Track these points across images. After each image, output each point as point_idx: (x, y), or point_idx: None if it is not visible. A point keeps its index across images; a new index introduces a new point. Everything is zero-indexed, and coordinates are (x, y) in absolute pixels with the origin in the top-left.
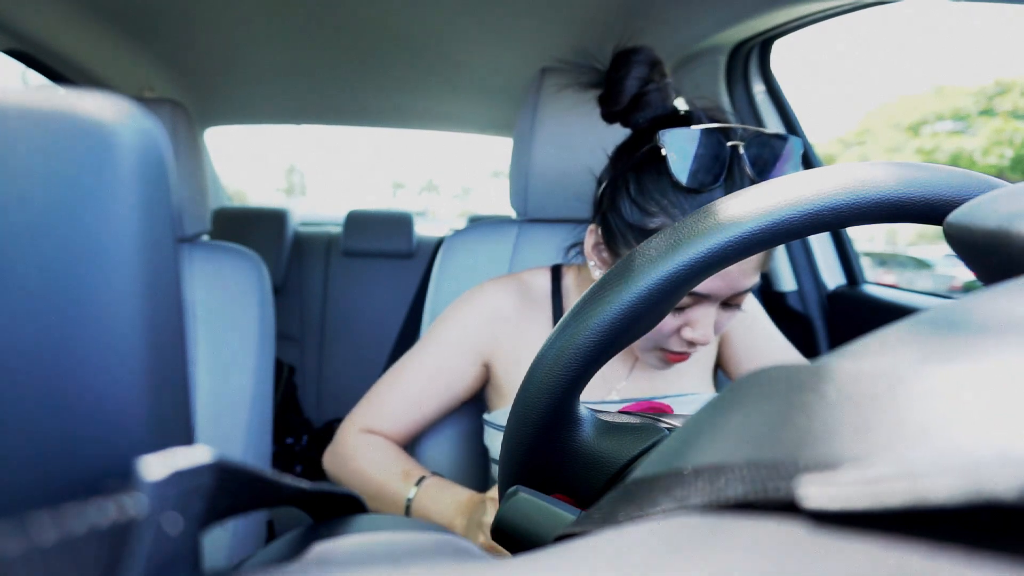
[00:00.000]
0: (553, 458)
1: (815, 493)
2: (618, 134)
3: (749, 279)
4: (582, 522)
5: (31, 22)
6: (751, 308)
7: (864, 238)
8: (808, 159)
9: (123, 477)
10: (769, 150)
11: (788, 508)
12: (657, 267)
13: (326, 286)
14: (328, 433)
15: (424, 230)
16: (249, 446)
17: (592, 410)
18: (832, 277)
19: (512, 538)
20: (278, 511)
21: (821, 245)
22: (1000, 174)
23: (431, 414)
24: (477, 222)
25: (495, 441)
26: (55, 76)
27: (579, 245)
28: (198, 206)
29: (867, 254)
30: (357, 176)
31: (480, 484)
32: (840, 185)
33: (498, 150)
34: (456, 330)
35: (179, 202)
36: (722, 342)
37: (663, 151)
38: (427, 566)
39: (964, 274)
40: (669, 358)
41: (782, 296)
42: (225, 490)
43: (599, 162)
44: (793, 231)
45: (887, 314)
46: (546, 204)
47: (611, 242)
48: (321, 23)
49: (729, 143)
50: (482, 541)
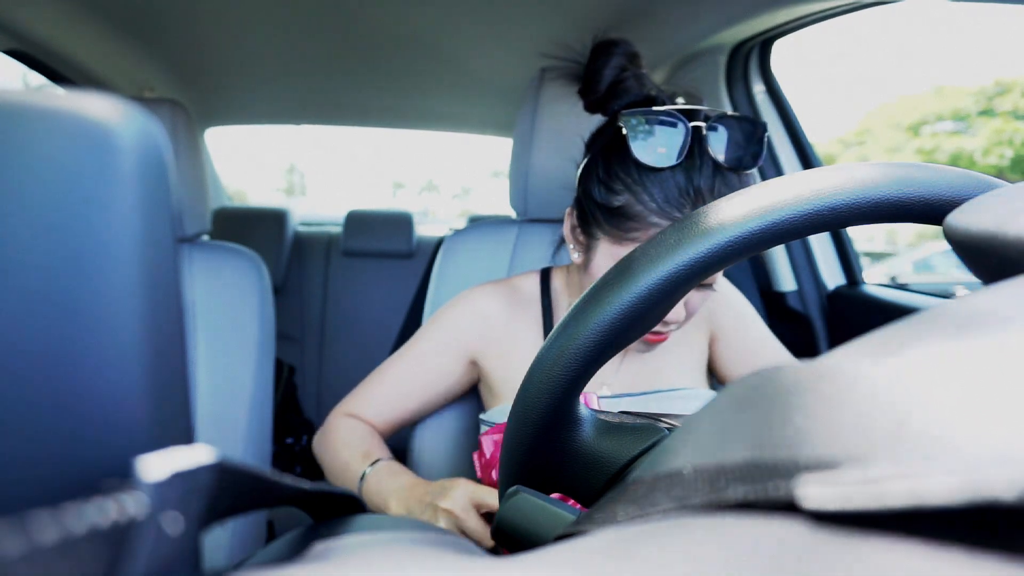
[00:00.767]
0: (553, 458)
1: (815, 493)
2: None
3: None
4: (582, 522)
5: (31, 22)
6: (745, 310)
7: (864, 238)
8: (771, 146)
9: (123, 477)
10: (734, 132)
11: (788, 508)
12: (657, 267)
13: (326, 286)
14: None
15: (424, 230)
16: (249, 446)
17: (592, 410)
18: (832, 277)
19: (512, 538)
20: (278, 511)
21: (821, 245)
22: (1000, 174)
23: (415, 407)
24: (477, 222)
25: None
26: (55, 76)
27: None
28: (198, 206)
29: (867, 254)
30: (357, 176)
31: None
32: (840, 185)
33: (498, 150)
34: (442, 330)
35: (179, 202)
36: (713, 341)
37: (623, 130)
38: (427, 566)
39: (964, 274)
40: (647, 339)
41: (782, 296)
42: (225, 490)
43: None
44: (793, 231)
45: (887, 314)
46: (546, 204)
47: (584, 223)
48: (321, 23)
49: (692, 123)
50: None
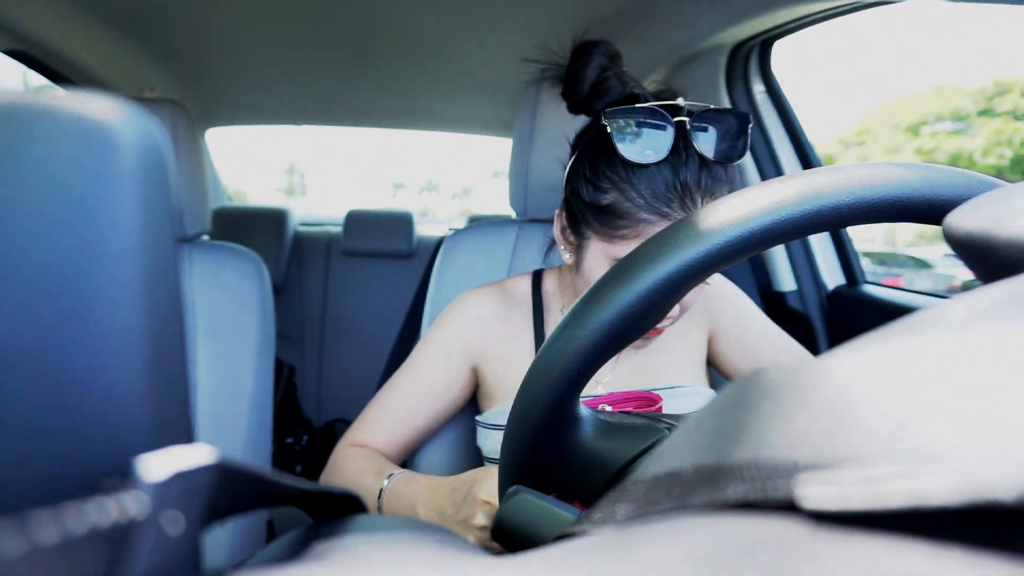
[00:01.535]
0: (553, 458)
1: (815, 493)
2: None
3: None
4: (582, 522)
5: (31, 22)
6: (746, 306)
7: (864, 238)
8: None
9: (123, 477)
10: (719, 125)
11: (788, 508)
12: (657, 267)
13: (326, 286)
14: (328, 433)
15: (424, 230)
16: (249, 446)
17: (592, 410)
18: (832, 277)
19: (512, 538)
20: (278, 511)
21: (821, 245)
22: (1000, 174)
23: (423, 424)
24: (477, 222)
25: (487, 441)
26: (55, 76)
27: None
28: (198, 206)
29: (867, 254)
30: (357, 176)
31: None
32: (840, 185)
33: (498, 150)
34: (441, 340)
35: (179, 202)
36: (712, 338)
37: (608, 129)
38: (427, 566)
39: (964, 274)
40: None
41: (782, 296)
42: (225, 490)
43: None
44: (793, 231)
45: (887, 314)
46: (546, 204)
47: (574, 224)
48: (321, 24)
49: (676, 119)
50: (473, 542)
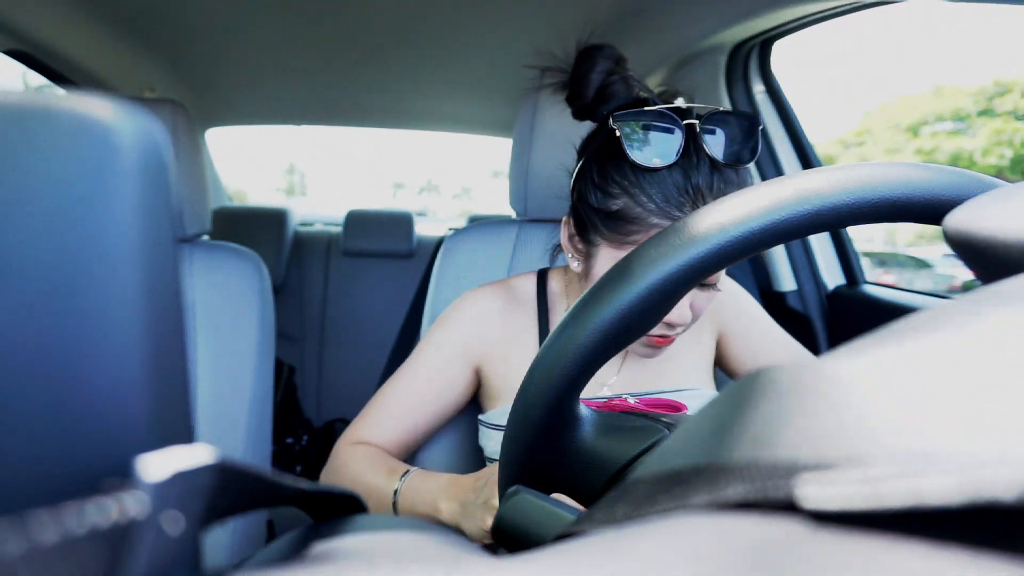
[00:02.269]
0: (553, 458)
1: (815, 493)
2: None
3: None
4: (582, 522)
5: (31, 22)
6: (752, 308)
7: (864, 238)
8: (770, 145)
9: (123, 477)
10: (729, 128)
11: (788, 508)
12: (657, 267)
13: (326, 286)
14: (328, 433)
15: (424, 230)
16: (249, 446)
17: (592, 410)
18: (832, 277)
19: (512, 538)
20: (278, 511)
21: (821, 245)
22: (1000, 174)
23: (424, 423)
24: (477, 222)
25: (490, 441)
26: (55, 76)
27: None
28: (198, 206)
29: (867, 254)
30: (357, 176)
31: None
32: (840, 185)
33: (498, 150)
34: (446, 337)
35: (179, 202)
36: (721, 341)
37: (616, 134)
38: (427, 566)
39: (964, 274)
40: (655, 342)
41: (782, 296)
42: (225, 490)
43: None
44: (793, 231)
45: (887, 314)
46: (546, 204)
47: (582, 231)
48: (321, 24)
49: (685, 122)
50: (490, 523)
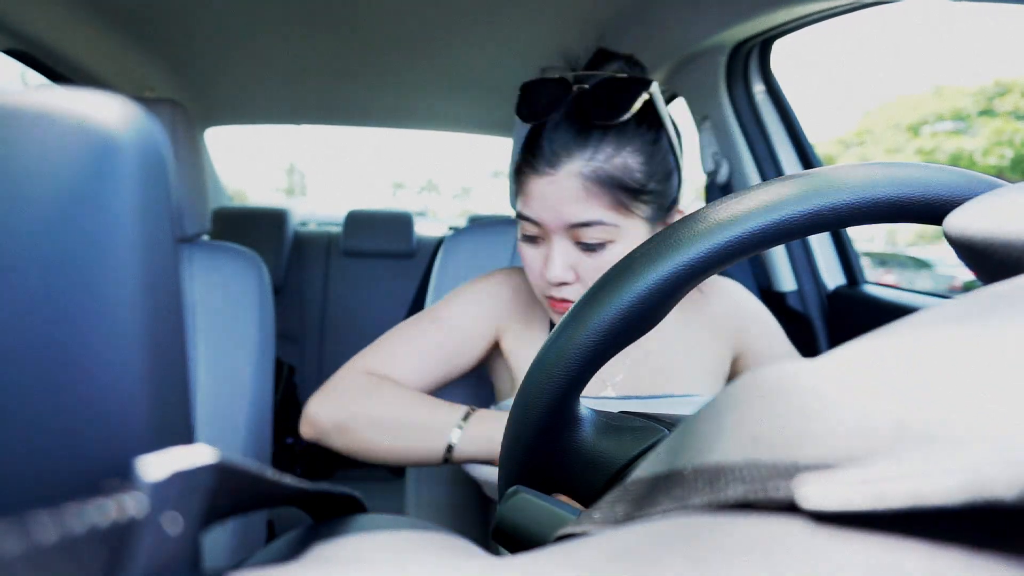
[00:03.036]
0: (553, 458)
1: (814, 493)
2: None
3: (569, 207)
4: (582, 522)
5: (31, 22)
6: (774, 326)
7: (864, 238)
8: (655, 103)
9: (123, 477)
10: (613, 91)
11: (788, 508)
12: (657, 267)
13: (326, 286)
14: None
15: (424, 230)
16: (249, 446)
17: (592, 410)
18: (832, 277)
19: (512, 538)
20: (278, 511)
21: (821, 245)
22: (1000, 174)
23: (439, 374)
24: (477, 222)
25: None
26: (55, 76)
27: None
28: (198, 206)
29: (867, 254)
30: (357, 176)
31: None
32: (840, 185)
33: (498, 150)
34: (476, 297)
35: (179, 202)
36: (740, 358)
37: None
38: (427, 566)
39: (964, 274)
40: (551, 305)
41: (782, 296)
42: (225, 490)
43: None
44: (793, 231)
45: (887, 314)
46: None
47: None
48: (321, 23)
49: (576, 86)
50: None
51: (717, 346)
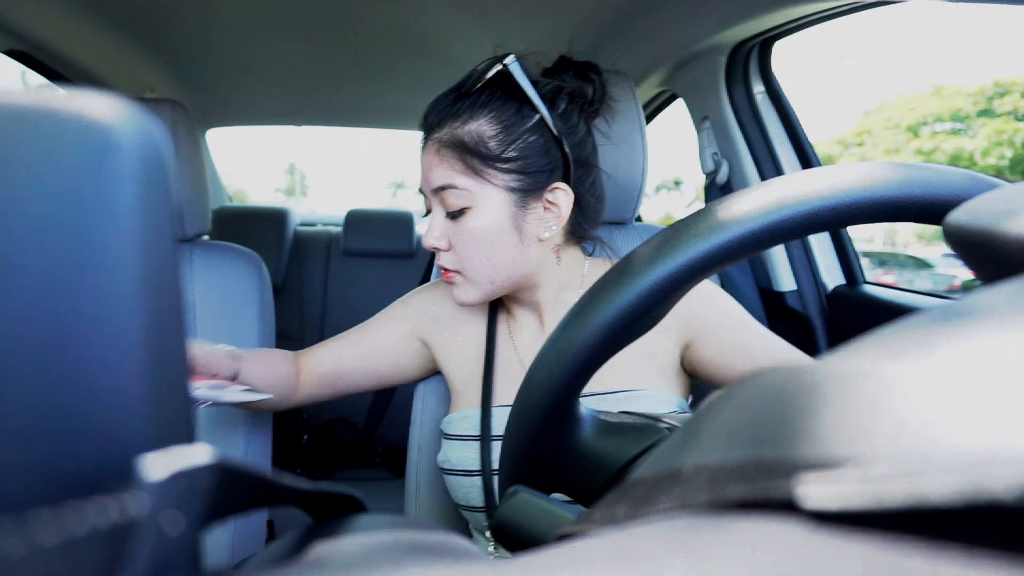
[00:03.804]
0: (553, 458)
1: (815, 493)
2: (618, 134)
3: (430, 173)
4: (582, 522)
5: (31, 22)
6: (730, 307)
7: (864, 238)
8: (511, 77)
9: (123, 477)
10: (479, 66)
11: (788, 508)
12: (657, 267)
13: (326, 286)
14: (328, 433)
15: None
16: (249, 446)
17: (592, 410)
18: (831, 277)
19: (512, 538)
20: (278, 511)
21: (821, 245)
22: (1000, 174)
23: (357, 365)
24: None
25: (444, 452)
26: (55, 76)
27: None
28: (198, 206)
29: (867, 254)
30: (357, 176)
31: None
32: (840, 185)
33: None
34: (394, 311)
35: (179, 202)
36: (691, 347)
37: None
38: (427, 566)
39: (964, 274)
40: (442, 274)
41: (782, 296)
42: (225, 490)
43: (599, 161)
44: (793, 230)
45: (887, 314)
46: None
47: None
48: (321, 24)
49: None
50: None
51: (664, 337)
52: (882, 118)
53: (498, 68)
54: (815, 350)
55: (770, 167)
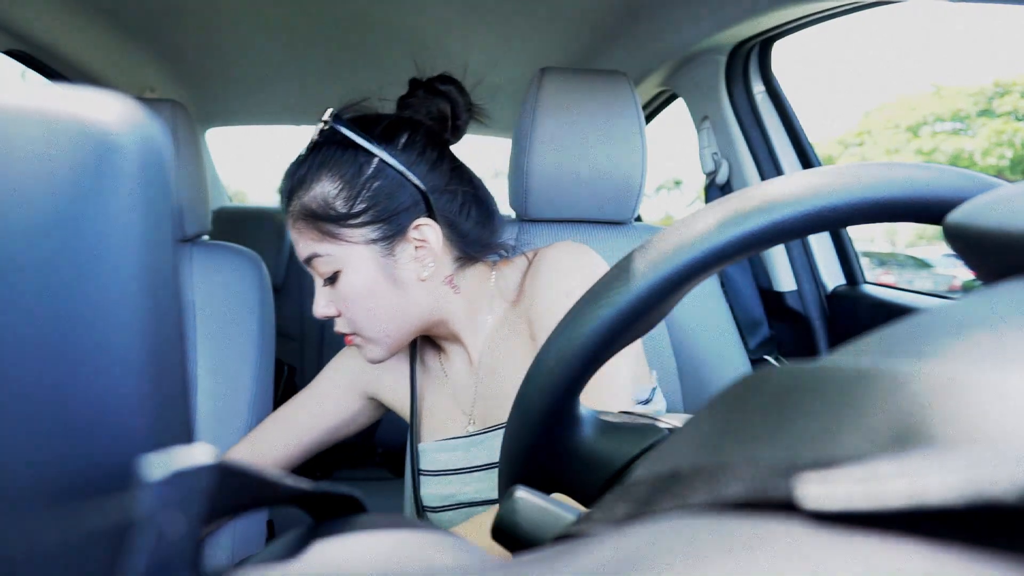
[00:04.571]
0: (553, 458)
1: (815, 493)
2: (618, 134)
3: (297, 248)
4: (582, 522)
5: (31, 22)
6: (557, 302)
7: (864, 238)
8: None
9: (123, 477)
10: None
11: (788, 508)
12: (656, 268)
13: None
14: None
15: None
16: None
17: (592, 410)
18: (831, 277)
19: (512, 538)
20: (278, 511)
21: (820, 245)
22: (1000, 174)
23: (306, 436)
24: None
25: (423, 488)
26: (55, 76)
27: None
28: (198, 206)
29: (867, 254)
30: None
31: None
32: (840, 185)
33: (498, 150)
34: (336, 363)
35: (179, 202)
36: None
37: None
38: (427, 566)
39: (964, 274)
40: (348, 339)
41: (781, 296)
42: (225, 490)
43: (598, 162)
44: (793, 230)
45: (886, 314)
46: (545, 204)
47: None
48: (321, 24)
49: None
50: None
51: (531, 347)
52: (882, 118)
53: (320, 127)
54: (815, 350)
55: (770, 167)
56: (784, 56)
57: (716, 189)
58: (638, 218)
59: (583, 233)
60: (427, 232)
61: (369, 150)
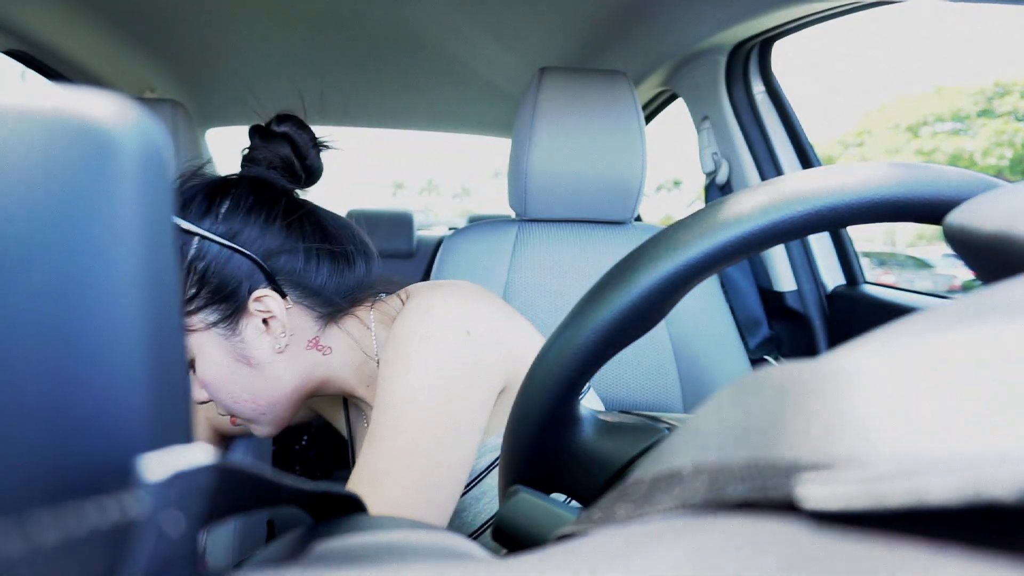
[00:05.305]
0: (553, 458)
1: (815, 493)
2: (617, 134)
3: None
4: (582, 522)
5: (31, 22)
6: (404, 347)
7: (864, 238)
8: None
9: (123, 477)
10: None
11: (788, 508)
12: (657, 267)
13: None
14: (328, 433)
15: (424, 230)
16: (249, 446)
17: (592, 410)
18: (831, 277)
19: (512, 538)
20: (278, 511)
21: (821, 245)
22: (1000, 174)
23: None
24: (477, 222)
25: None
26: (55, 76)
27: None
28: None
29: (867, 254)
30: (357, 176)
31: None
32: (840, 185)
33: (498, 150)
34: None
35: None
36: (505, 390)
37: None
38: (427, 566)
39: (964, 274)
40: (232, 422)
41: (781, 296)
42: (225, 490)
43: (598, 162)
44: (793, 230)
45: (886, 314)
46: (545, 204)
47: None
48: (322, 24)
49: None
50: None
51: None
52: (882, 118)
53: None
54: (815, 350)
55: (770, 167)
56: (784, 56)
57: (716, 189)
58: (638, 218)
59: (583, 233)
60: (269, 303)
61: (187, 229)
